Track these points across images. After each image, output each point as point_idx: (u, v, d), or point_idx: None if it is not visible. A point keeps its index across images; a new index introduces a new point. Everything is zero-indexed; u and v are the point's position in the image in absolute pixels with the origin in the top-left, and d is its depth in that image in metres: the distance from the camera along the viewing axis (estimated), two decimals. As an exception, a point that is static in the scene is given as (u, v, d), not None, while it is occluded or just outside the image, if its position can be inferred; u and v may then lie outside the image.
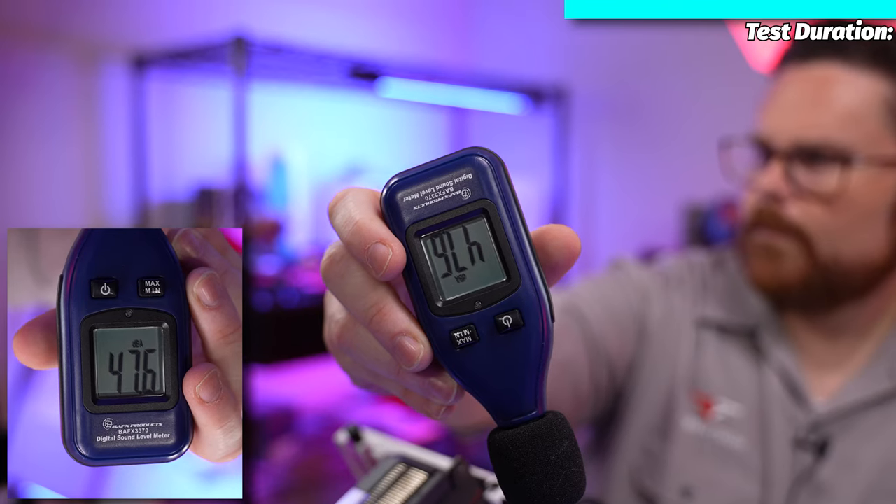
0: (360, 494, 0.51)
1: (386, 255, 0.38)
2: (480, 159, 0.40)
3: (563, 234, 0.41)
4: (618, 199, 3.23)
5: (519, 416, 0.41)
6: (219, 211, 2.54)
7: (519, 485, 0.40)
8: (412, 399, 0.44)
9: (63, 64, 2.40)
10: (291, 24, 2.85)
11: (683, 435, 1.02)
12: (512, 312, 0.39)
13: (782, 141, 0.95)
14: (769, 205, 0.96)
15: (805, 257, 0.95)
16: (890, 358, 0.99)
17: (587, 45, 3.27)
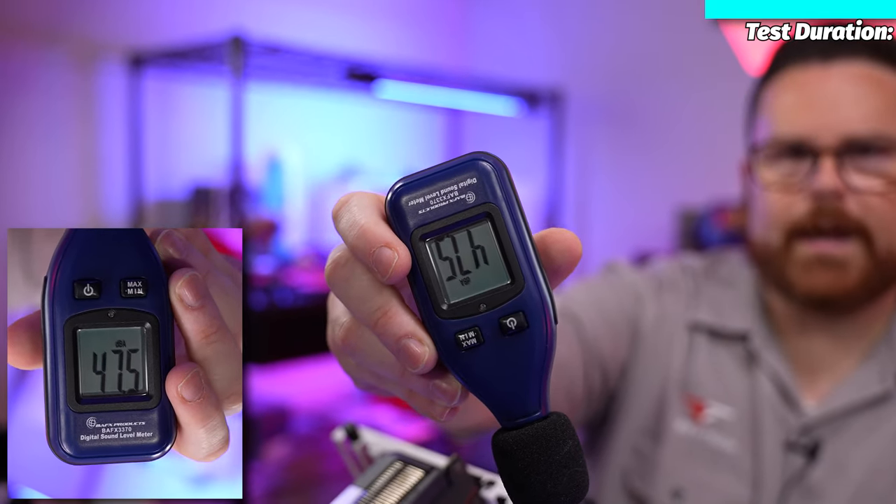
0: (357, 491, 0.52)
1: (391, 258, 0.39)
2: (484, 164, 0.41)
3: (566, 238, 0.41)
4: (612, 203, 3.24)
5: (523, 416, 0.41)
6: (214, 210, 2.55)
7: (524, 484, 0.41)
8: (416, 401, 0.44)
9: (60, 63, 2.40)
10: (288, 24, 2.86)
11: (675, 437, 1.03)
12: (516, 315, 0.40)
13: (829, 138, 0.93)
14: (829, 203, 0.93)
15: (868, 256, 0.94)
16: (880, 361, 0.99)
17: (583, 49, 3.29)
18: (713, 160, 2.67)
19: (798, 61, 0.99)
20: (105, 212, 2.53)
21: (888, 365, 0.99)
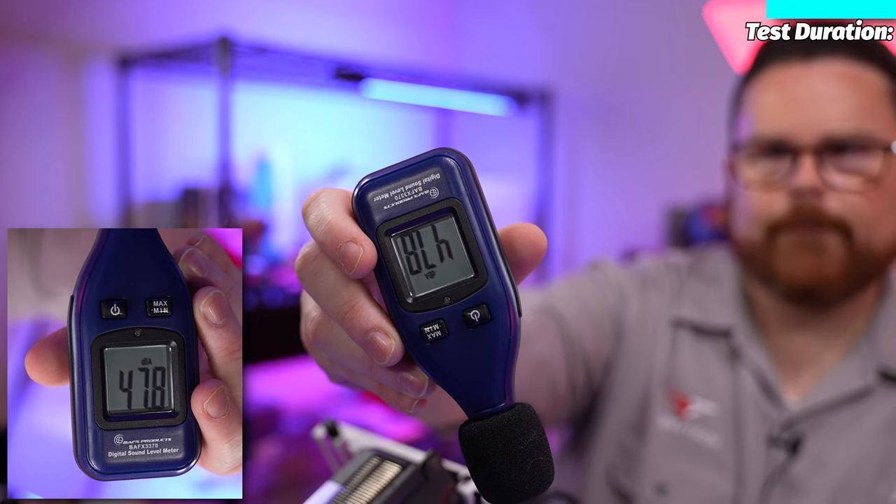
0: (334, 487, 0.52)
1: (357, 253, 0.39)
2: (448, 160, 0.41)
3: (530, 232, 0.42)
4: (601, 201, 3.25)
5: (488, 407, 0.42)
6: (203, 211, 2.54)
7: (488, 474, 0.42)
8: (386, 393, 0.45)
9: (48, 63, 2.39)
10: (276, 24, 2.85)
11: (659, 433, 1.04)
12: (480, 307, 0.41)
13: (809, 136, 0.95)
14: (808, 201, 0.95)
15: (845, 249, 0.95)
16: (861, 357, 1.00)
17: (571, 48, 3.29)
18: (701, 158, 2.68)
19: (780, 60, 1.00)
20: (94, 213, 2.53)
21: (869, 360, 1.00)
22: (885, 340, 1.01)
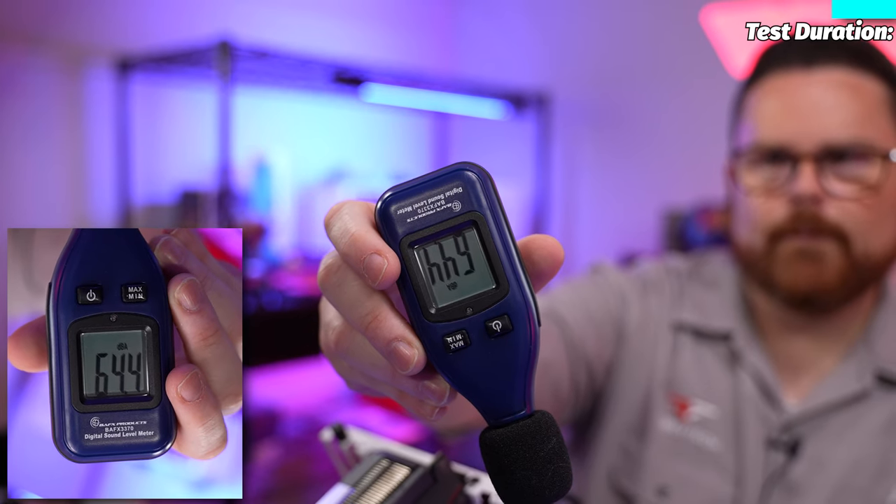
0: (345, 489, 0.53)
1: (381, 265, 0.40)
2: (470, 174, 0.42)
3: (548, 244, 0.43)
4: (598, 204, 3.26)
5: (509, 415, 0.43)
6: (203, 214, 2.55)
7: (510, 480, 0.43)
8: (407, 401, 0.45)
9: (48, 67, 2.40)
10: (276, 28, 2.86)
11: (660, 435, 1.05)
12: (501, 317, 0.42)
13: (809, 144, 0.95)
14: (807, 208, 0.96)
15: (844, 257, 0.96)
16: (859, 360, 1.01)
17: (569, 52, 3.30)
18: (698, 161, 2.70)
19: (781, 67, 1.00)
20: (93, 216, 2.53)
21: (866, 364, 1.00)
22: (883, 345, 1.02)
